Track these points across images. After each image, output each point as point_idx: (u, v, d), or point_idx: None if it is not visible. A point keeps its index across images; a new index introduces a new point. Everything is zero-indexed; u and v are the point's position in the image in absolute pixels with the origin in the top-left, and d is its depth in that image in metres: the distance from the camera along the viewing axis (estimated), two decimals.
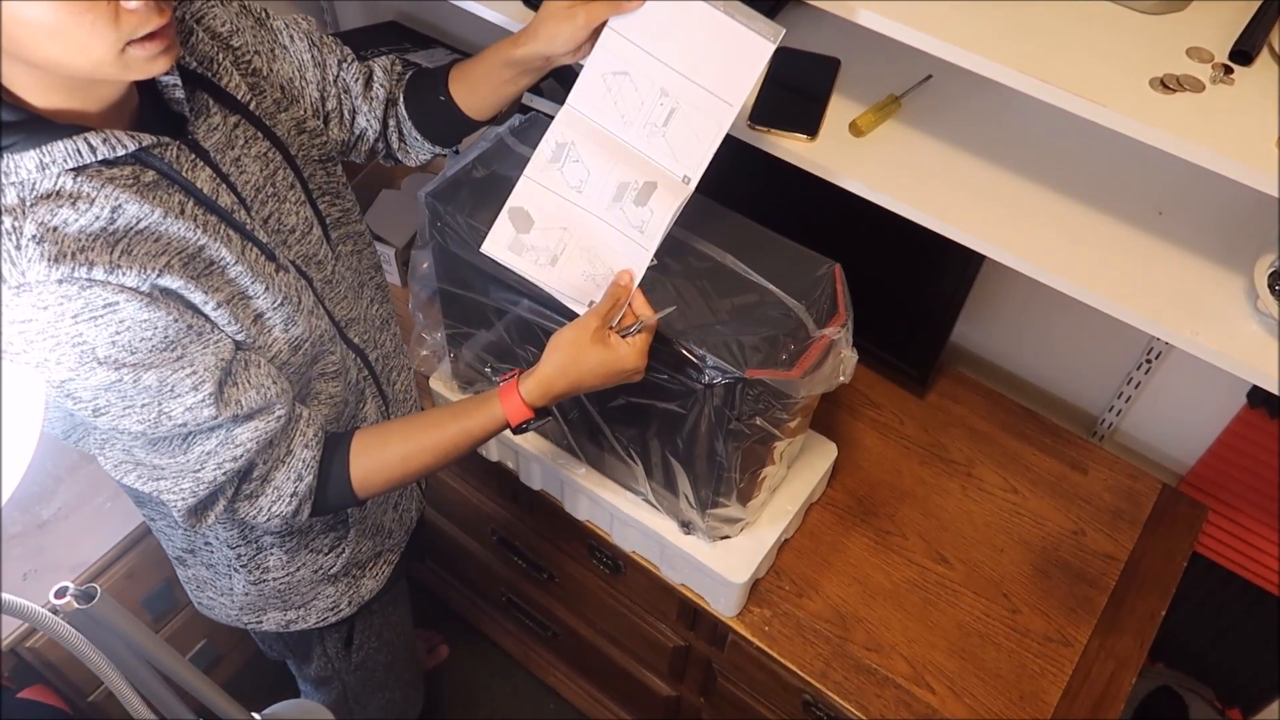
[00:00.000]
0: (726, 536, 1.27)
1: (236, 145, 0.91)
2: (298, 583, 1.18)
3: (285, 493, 0.95)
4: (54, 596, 0.80)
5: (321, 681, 1.45)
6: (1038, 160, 1.12)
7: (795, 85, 1.19)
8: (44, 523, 1.68)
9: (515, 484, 1.48)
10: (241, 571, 1.15)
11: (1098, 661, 1.30)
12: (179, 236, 0.81)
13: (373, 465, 0.98)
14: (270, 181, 0.94)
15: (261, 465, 0.93)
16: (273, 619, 1.22)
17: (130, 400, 0.81)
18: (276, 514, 0.96)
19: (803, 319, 1.04)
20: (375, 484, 1.00)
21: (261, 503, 0.95)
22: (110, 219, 0.77)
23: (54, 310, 0.74)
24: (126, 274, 0.77)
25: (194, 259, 0.83)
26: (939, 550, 1.39)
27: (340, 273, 1.05)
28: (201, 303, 0.83)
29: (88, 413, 0.81)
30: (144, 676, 0.91)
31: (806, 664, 1.28)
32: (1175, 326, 0.97)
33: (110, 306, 0.76)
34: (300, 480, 0.95)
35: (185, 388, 0.82)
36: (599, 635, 1.76)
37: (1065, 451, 1.50)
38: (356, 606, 1.27)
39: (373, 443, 0.99)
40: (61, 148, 0.74)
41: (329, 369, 1.02)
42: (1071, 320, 1.48)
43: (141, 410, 0.82)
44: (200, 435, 0.87)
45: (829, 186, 1.13)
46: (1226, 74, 0.87)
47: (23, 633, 1.56)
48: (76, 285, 0.74)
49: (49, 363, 0.77)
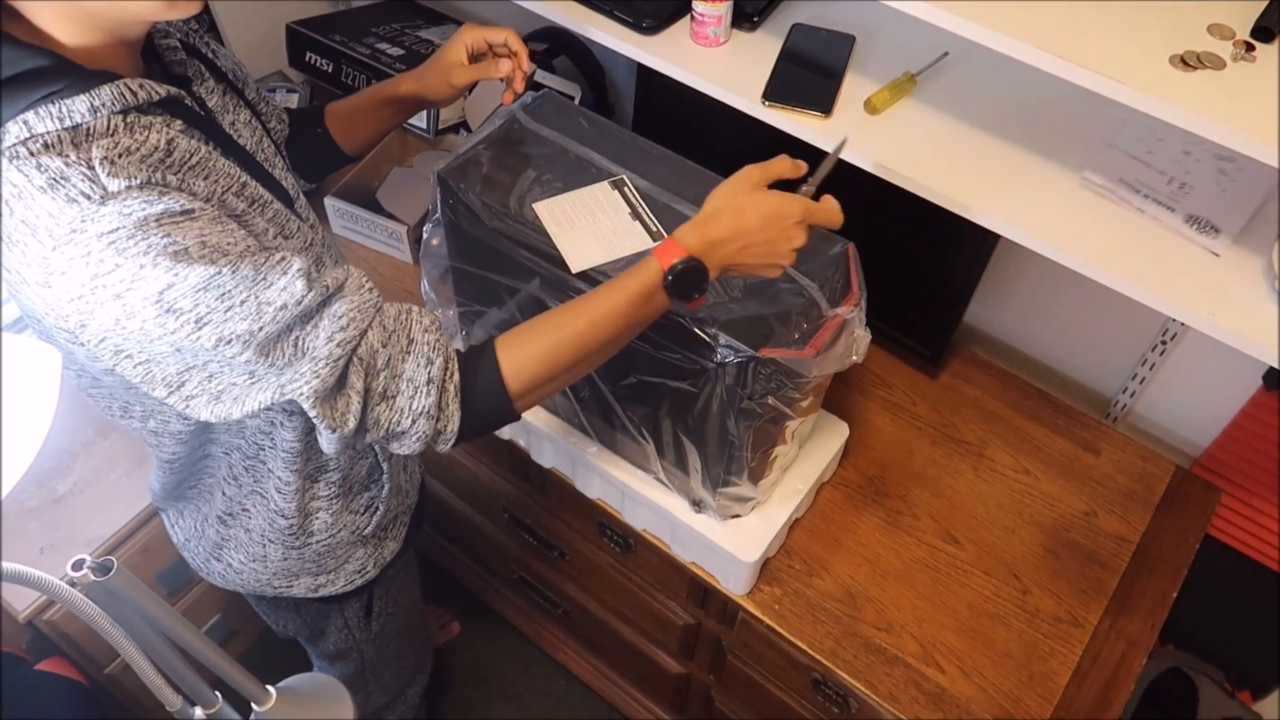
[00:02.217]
0: (737, 515, 1.27)
1: (229, 110, 0.95)
2: (335, 545, 1.19)
3: (419, 381, 0.88)
4: (71, 569, 0.81)
5: (339, 656, 1.46)
6: (1054, 139, 1.11)
7: (810, 62, 1.18)
8: (60, 497, 1.70)
9: (527, 462, 1.48)
10: (283, 538, 1.15)
11: (1108, 643, 1.30)
12: (225, 172, 0.84)
13: (530, 352, 0.90)
14: (260, 147, 0.97)
15: (383, 349, 0.86)
16: (303, 584, 1.23)
17: (230, 295, 0.78)
18: (420, 411, 0.88)
19: (816, 298, 1.04)
20: (532, 372, 0.90)
21: (400, 402, 0.88)
22: (167, 149, 0.79)
23: (139, 214, 0.74)
24: (197, 190, 0.79)
25: (242, 193, 0.85)
26: (950, 531, 1.39)
27: (326, 239, 1.08)
28: (262, 230, 0.86)
29: (190, 328, 0.77)
30: (160, 649, 0.92)
31: (816, 643, 1.29)
32: (1192, 307, 0.96)
33: (188, 212, 0.77)
34: (430, 364, 0.88)
35: (276, 272, 0.80)
36: (609, 613, 1.77)
37: (1078, 433, 1.50)
38: (379, 569, 1.28)
39: (524, 332, 0.91)
40: (109, 91, 0.76)
41: None
42: (1086, 301, 1.47)
43: (242, 306, 0.78)
44: (301, 329, 0.83)
45: (843, 164, 1.13)
46: (1248, 51, 0.86)
47: (40, 605, 1.58)
48: (156, 190, 0.76)
49: (144, 270, 0.75)
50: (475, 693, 2.11)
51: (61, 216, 0.73)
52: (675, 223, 1.08)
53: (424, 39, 1.83)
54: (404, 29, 1.85)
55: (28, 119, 0.73)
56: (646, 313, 0.92)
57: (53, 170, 0.73)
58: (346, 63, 1.81)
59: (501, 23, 1.83)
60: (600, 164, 1.13)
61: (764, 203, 0.90)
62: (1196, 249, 1.01)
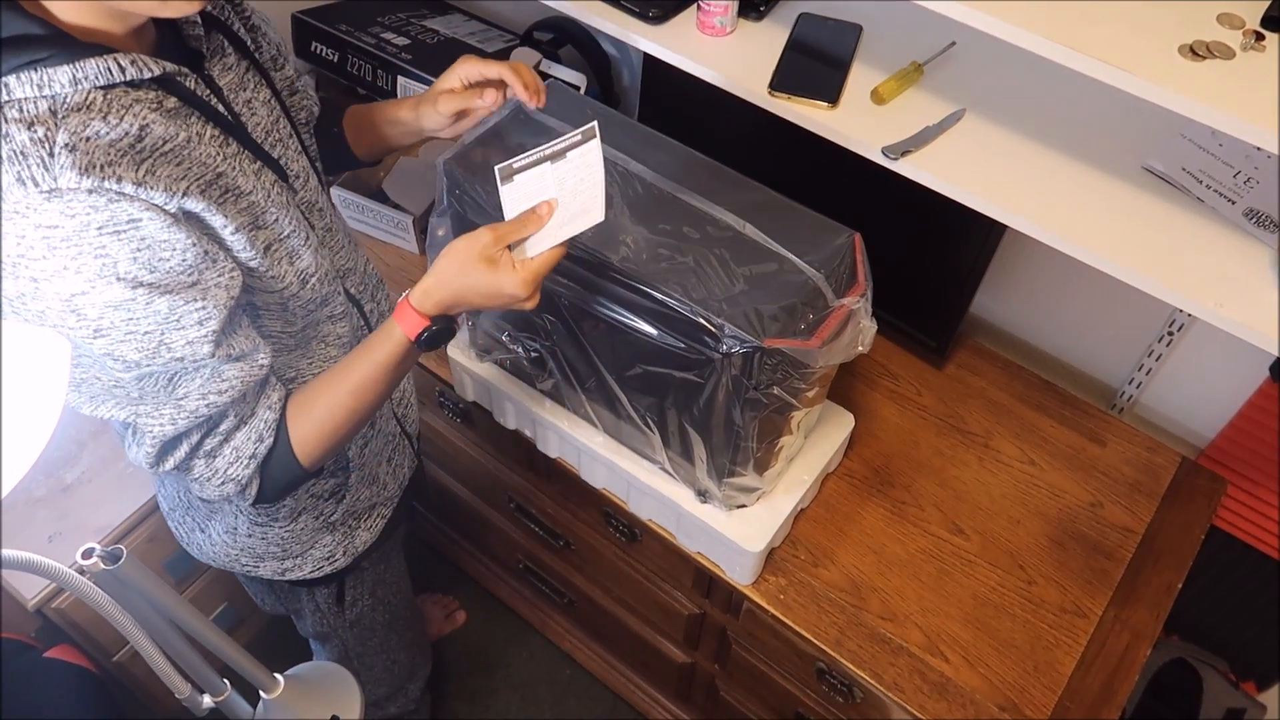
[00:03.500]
0: (743, 505, 1.28)
1: (247, 88, 0.94)
2: (300, 530, 1.20)
3: (244, 454, 0.93)
4: (80, 557, 0.81)
5: (321, 637, 1.47)
6: (1062, 129, 1.11)
7: (816, 52, 1.17)
8: (68, 486, 1.70)
9: (533, 452, 1.48)
10: (248, 513, 1.16)
11: (1113, 633, 1.30)
12: (200, 161, 0.83)
13: (308, 426, 0.97)
14: (275, 127, 0.97)
15: (231, 419, 0.91)
16: (269, 567, 1.23)
17: (135, 324, 0.80)
18: (232, 478, 0.94)
19: (822, 288, 1.04)
20: (314, 443, 0.98)
21: (219, 464, 0.93)
22: (139, 136, 0.79)
23: (81, 219, 0.75)
24: (154, 192, 0.78)
25: (213, 184, 0.85)
26: (955, 521, 1.39)
27: (337, 223, 1.09)
28: (220, 226, 0.84)
29: (86, 334, 0.80)
30: (168, 637, 0.92)
31: (821, 632, 1.29)
32: (1199, 298, 0.96)
33: (134, 223, 0.77)
34: (260, 442, 0.94)
35: (191, 320, 0.82)
36: (615, 602, 1.78)
37: (1084, 424, 1.50)
38: (351, 558, 1.28)
39: (301, 405, 0.98)
40: (94, 65, 0.76)
41: (336, 310, 1.04)
42: (1092, 292, 1.47)
43: (144, 338, 0.81)
44: (186, 375, 0.86)
45: (849, 155, 1.13)
46: (1258, 41, 0.86)
47: (49, 593, 1.59)
48: (105, 197, 0.75)
49: (67, 271, 0.76)
50: (480, 681, 2.12)
51: (9, 194, 0.74)
52: (678, 213, 1.08)
53: (429, 29, 1.82)
54: (409, 19, 1.85)
55: (8, 82, 0.74)
56: (403, 369, 0.99)
57: (16, 143, 0.73)
58: (352, 52, 1.81)
59: (509, 12, 1.83)
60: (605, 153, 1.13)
61: (486, 279, 0.92)
62: (1205, 240, 1.01)
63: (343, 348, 1.07)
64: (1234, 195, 1.03)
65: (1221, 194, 1.03)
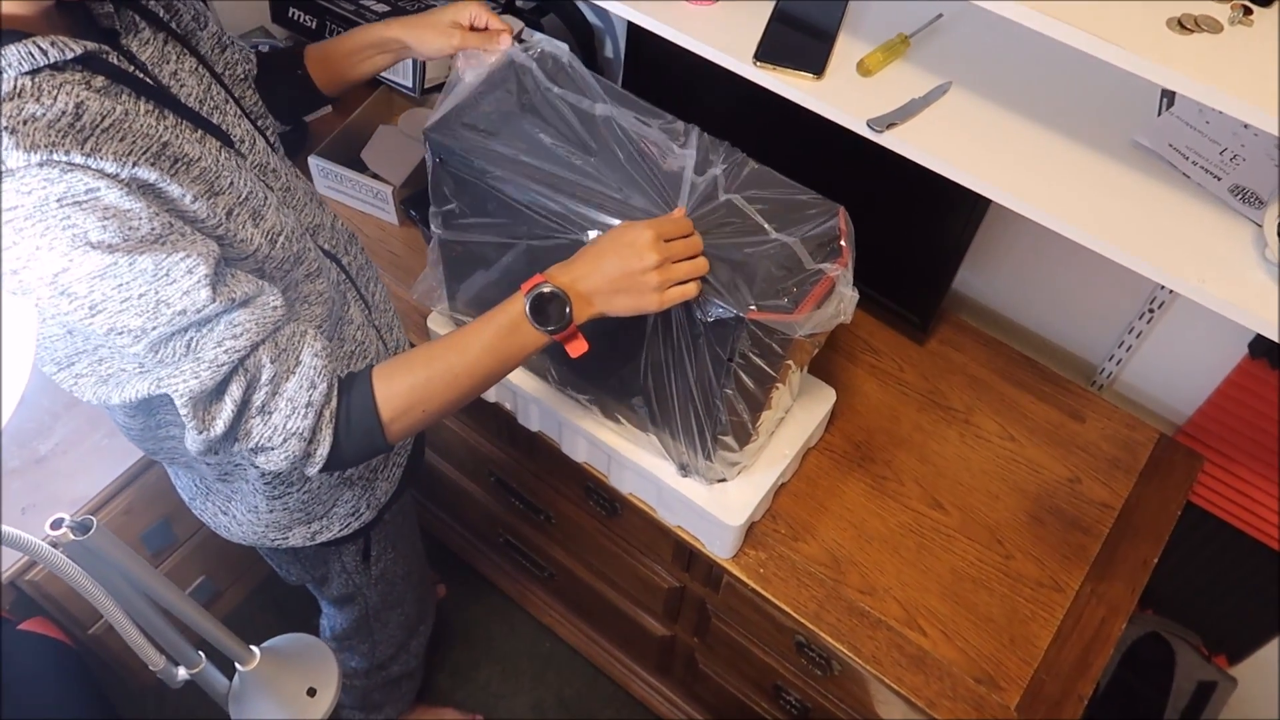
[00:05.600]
0: (723, 479, 1.27)
1: (170, 60, 0.93)
2: (318, 490, 1.19)
3: (299, 403, 0.89)
4: (50, 528, 0.80)
5: (344, 600, 1.47)
6: (1048, 103, 1.10)
7: (802, 23, 1.16)
8: (41, 458, 1.68)
9: (514, 426, 1.48)
10: (265, 489, 1.15)
11: (1089, 607, 1.31)
12: (143, 133, 0.81)
13: (399, 388, 0.92)
14: (209, 95, 0.95)
15: (270, 366, 0.87)
16: (298, 534, 1.23)
17: (127, 288, 0.78)
18: (293, 431, 0.89)
19: (805, 261, 1.03)
20: (401, 406, 0.93)
21: (275, 419, 0.89)
22: (75, 114, 0.77)
23: (38, 194, 0.73)
24: (104, 163, 0.76)
25: (161, 155, 0.82)
26: (935, 496, 1.40)
27: (294, 184, 1.07)
28: (179, 196, 0.82)
29: (84, 313, 0.78)
30: (142, 609, 0.91)
31: (800, 606, 1.29)
32: (1182, 274, 0.96)
33: (92, 192, 0.75)
34: (314, 388, 0.89)
35: (180, 271, 0.80)
36: (595, 576, 1.78)
37: (1064, 400, 1.50)
38: (375, 511, 1.28)
39: (394, 368, 0.94)
40: (14, 51, 0.75)
41: (311, 268, 1.02)
42: (1076, 268, 1.47)
43: (139, 301, 0.79)
44: (200, 335, 0.84)
45: (834, 128, 1.11)
46: (1246, 14, 0.85)
47: (22, 566, 1.58)
48: (57, 169, 0.74)
49: (41, 250, 0.74)
50: (462, 655, 2.12)
51: None
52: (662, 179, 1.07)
53: None
54: None
55: None
56: (515, 346, 0.94)
57: None
58: (330, 19, 1.78)
59: None
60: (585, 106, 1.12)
61: (615, 232, 0.95)
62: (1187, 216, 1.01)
63: (325, 304, 1.05)
64: (1220, 172, 1.03)
65: (1208, 170, 1.03)
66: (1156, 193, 1.03)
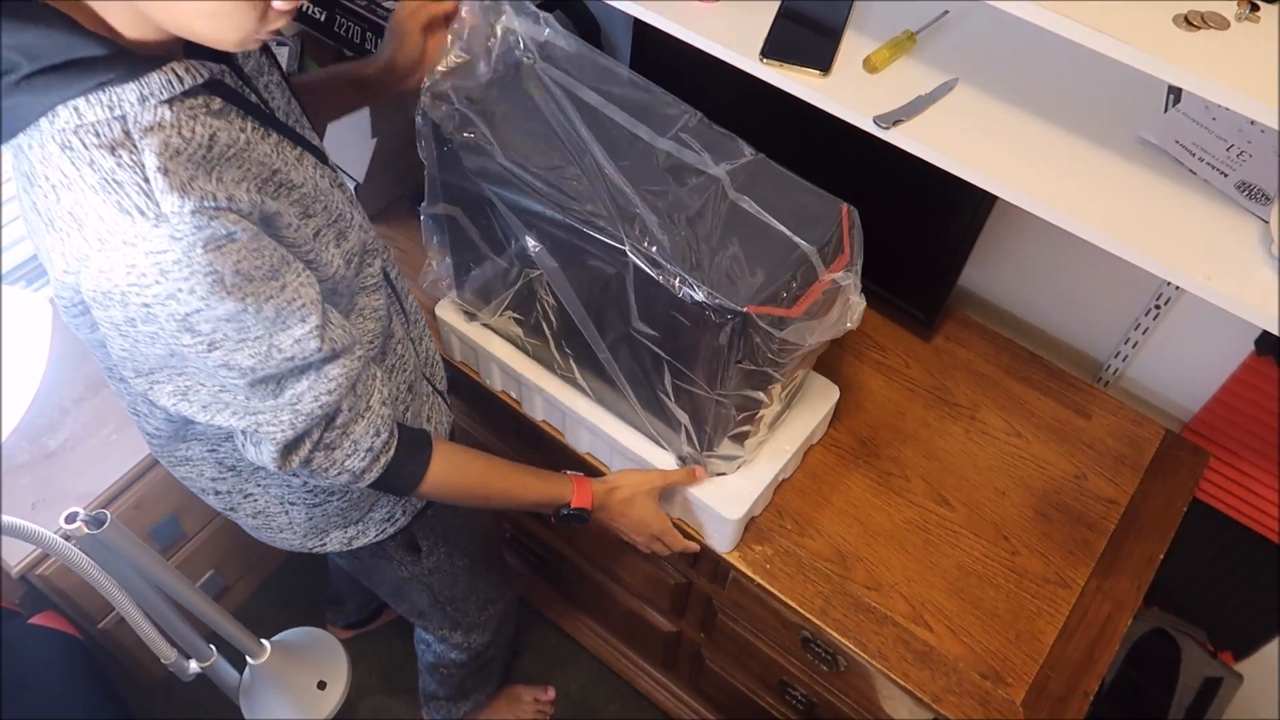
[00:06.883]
0: (723, 473, 1.28)
1: (264, 73, 0.94)
2: (356, 498, 1.20)
3: (362, 447, 0.97)
4: (64, 521, 0.81)
5: (400, 590, 1.47)
6: (1054, 99, 1.10)
7: (808, 19, 1.16)
8: (51, 453, 1.69)
9: (518, 418, 1.48)
10: (303, 497, 1.16)
11: (1094, 603, 1.32)
12: (260, 160, 0.83)
13: (449, 479, 1.07)
14: (290, 108, 0.96)
15: (346, 412, 0.94)
16: (335, 539, 1.23)
17: (247, 332, 0.81)
18: (349, 469, 0.98)
19: (809, 258, 1.04)
20: (439, 491, 1.08)
21: (337, 455, 0.96)
22: (209, 145, 0.78)
23: (188, 240, 0.75)
24: (239, 201, 0.78)
25: (269, 181, 0.84)
26: (940, 492, 1.40)
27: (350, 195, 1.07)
28: (287, 224, 0.85)
29: (201, 348, 0.81)
30: (154, 602, 0.92)
31: (806, 601, 1.30)
32: (1189, 270, 0.96)
33: (230, 235, 0.77)
34: (378, 435, 0.97)
35: (295, 319, 0.84)
36: (601, 571, 1.79)
37: (1069, 396, 1.50)
38: (411, 515, 1.29)
39: (457, 457, 1.09)
40: (157, 79, 0.75)
41: (368, 281, 1.04)
42: (1081, 265, 1.47)
43: (254, 344, 0.82)
44: (292, 378, 0.88)
45: (841, 124, 1.12)
46: (1252, 11, 0.85)
47: (34, 559, 1.59)
48: (206, 215, 0.75)
49: (180, 294, 0.76)
50: None
51: (114, 224, 0.73)
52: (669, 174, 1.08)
53: None
54: None
55: (79, 105, 0.73)
56: (539, 508, 1.20)
57: (105, 171, 0.73)
58: (341, 13, 1.78)
59: None
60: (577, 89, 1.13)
61: (645, 509, 1.25)
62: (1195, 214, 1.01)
63: (380, 320, 1.06)
64: (1227, 168, 1.03)
65: (1214, 167, 1.03)
66: (1163, 189, 1.03)
